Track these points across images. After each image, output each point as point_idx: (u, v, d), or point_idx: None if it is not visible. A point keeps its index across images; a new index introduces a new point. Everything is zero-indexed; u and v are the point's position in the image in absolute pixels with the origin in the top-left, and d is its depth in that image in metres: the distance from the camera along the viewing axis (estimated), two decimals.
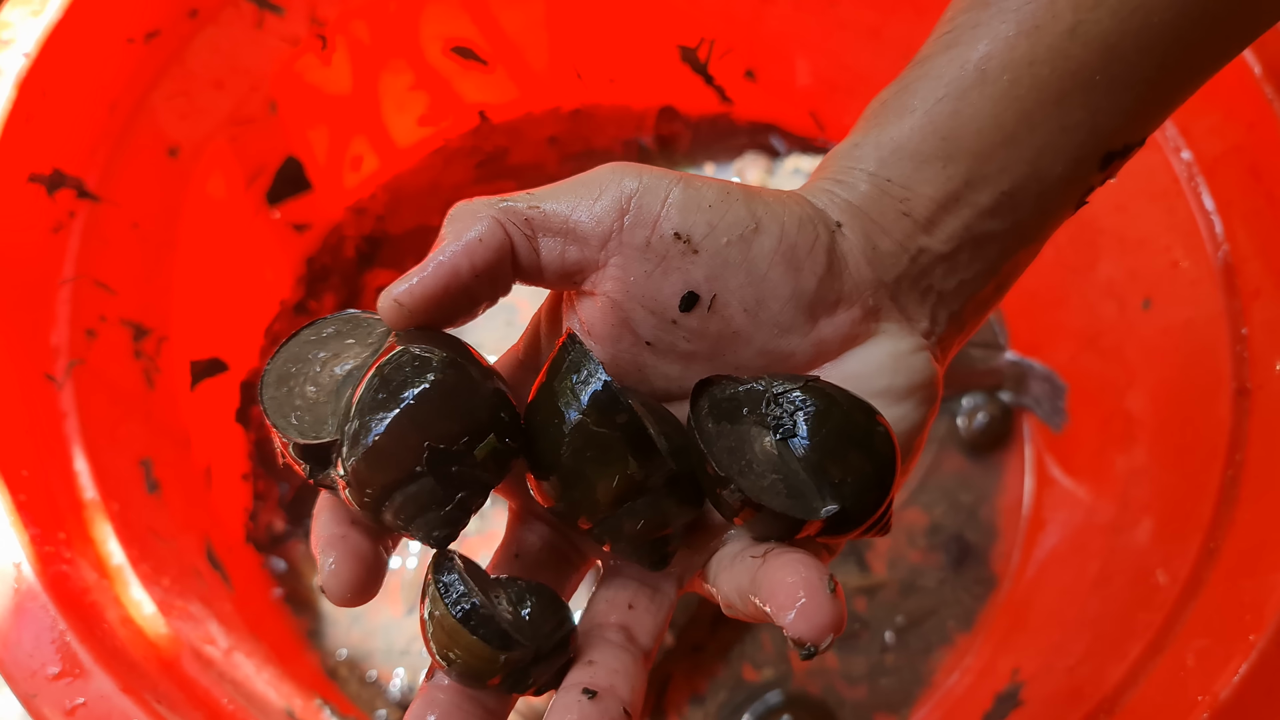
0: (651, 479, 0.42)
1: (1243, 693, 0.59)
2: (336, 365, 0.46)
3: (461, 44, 1.02)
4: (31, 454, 0.66)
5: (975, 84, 0.45)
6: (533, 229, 0.44)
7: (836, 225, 0.45)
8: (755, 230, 0.44)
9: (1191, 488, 0.71)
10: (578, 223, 0.44)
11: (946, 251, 0.46)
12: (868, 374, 0.46)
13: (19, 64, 0.71)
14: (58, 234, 0.74)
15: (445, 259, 0.43)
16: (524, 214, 0.44)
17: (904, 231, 0.46)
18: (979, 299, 0.49)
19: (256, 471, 0.96)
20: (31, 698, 0.56)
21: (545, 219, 0.44)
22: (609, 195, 0.44)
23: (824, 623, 0.38)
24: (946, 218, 0.45)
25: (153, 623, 0.65)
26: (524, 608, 0.43)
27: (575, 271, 0.45)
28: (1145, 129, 0.47)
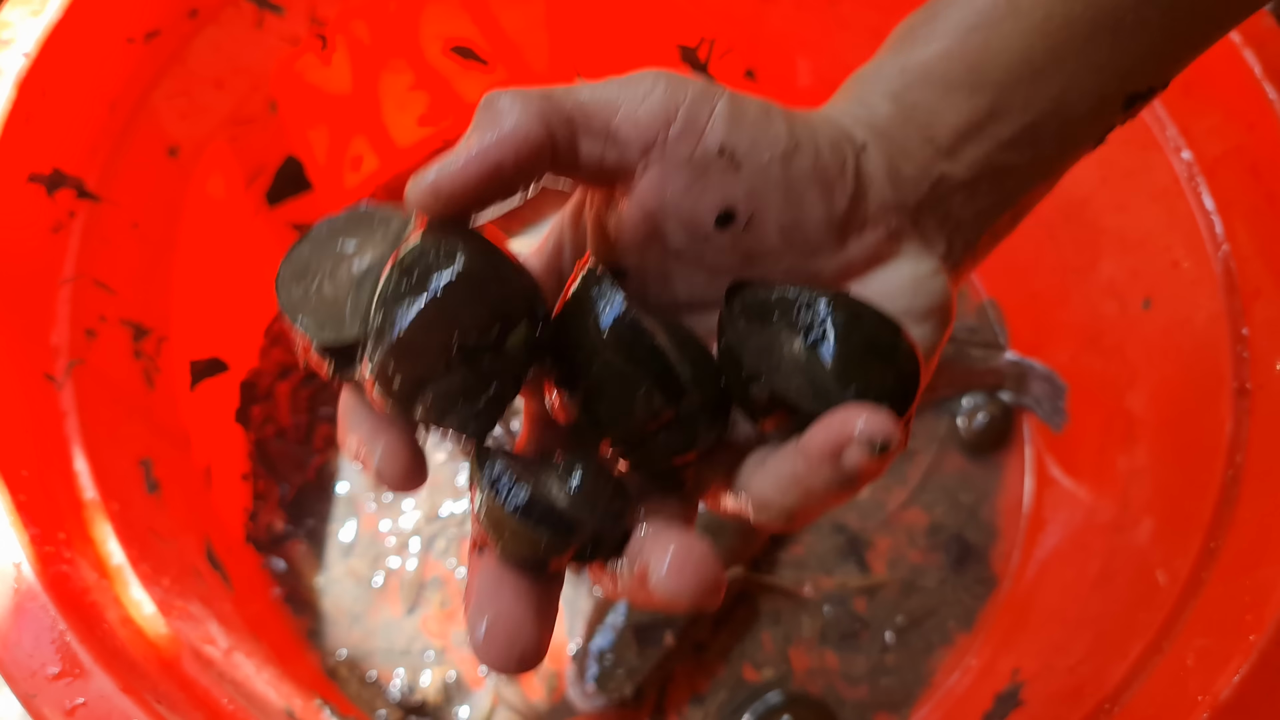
0: (678, 412, 0.42)
1: (1243, 692, 0.58)
2: (355, 261, 0.44)
3: (461, 43, 1.02)
4: (31, 454, 0.66)
5: (1008, 15, 0.44)
6: (574, 128, 0.43)
7: (862, 146, 0.45)
8: (795, 149, 0.43)
9: (1192, 487, 0.71)
10: (619, 127, 0.43)
11: (967, 179, 0.46)
12: (890, 294, 0.46)
13: (19, 64, 0.71)
14: (58, 234, 0.74)
15: (490, 149, 0.41)
16: (567, 112, 0.43)
17: (926, 156, 0.45)
18: (994, 229, 0.49)
19: (256, 471, 0.97)
20: (31, 698, 0.56)
21: (588, 119, 0.43)
22: (655, 101, 0.43)
23: (886, 422, 0.38)
24: (968, 146, 0.45)
25: (153, 623, 0.65)
26: (572, 483, 0.42)
27: (612, 174, 0.44)
28: (1170, 72, 0.47)
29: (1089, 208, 0.86)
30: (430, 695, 0.89)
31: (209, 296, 0.91)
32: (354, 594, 0.94)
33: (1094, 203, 0.85)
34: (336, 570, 0.94)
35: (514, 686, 0.89)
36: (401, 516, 0.96)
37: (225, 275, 0.94)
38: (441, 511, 0.96)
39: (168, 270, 0.86)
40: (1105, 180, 0.83)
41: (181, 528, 0.79)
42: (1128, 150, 0.80)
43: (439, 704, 0.89)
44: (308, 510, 0.97)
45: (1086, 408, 0.90)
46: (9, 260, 0.70)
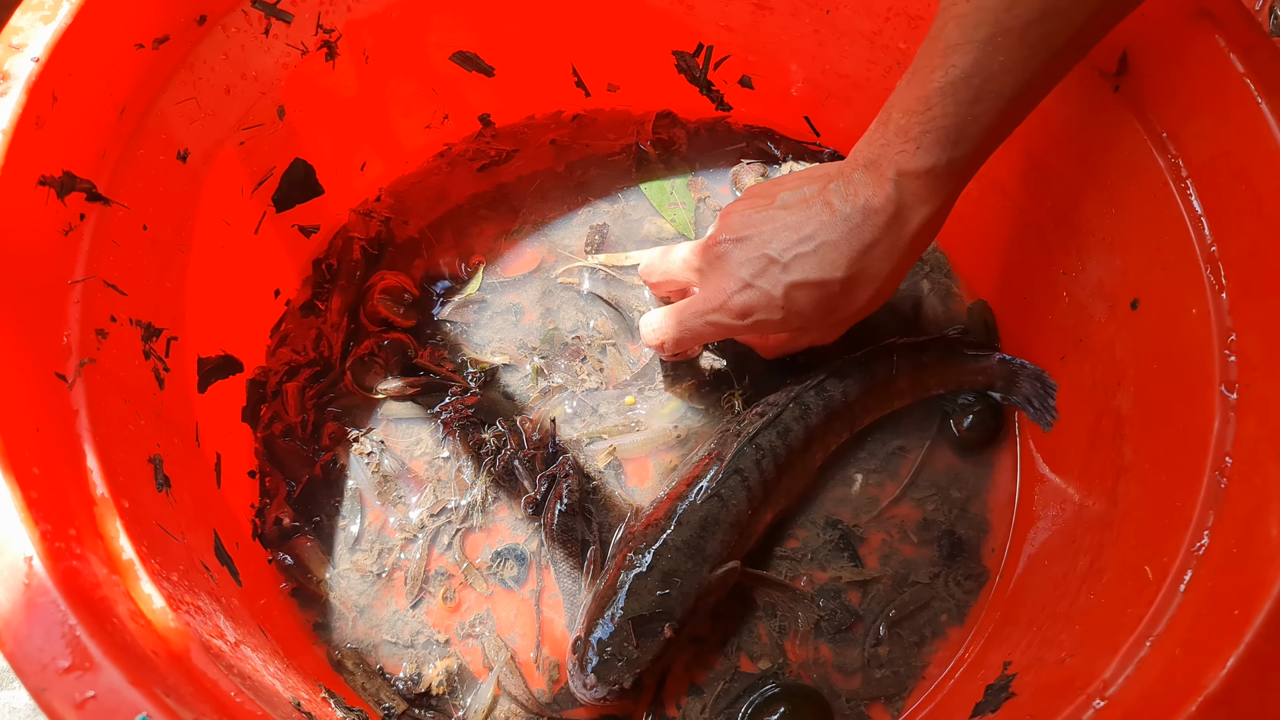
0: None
1: (1231, 686, 0.59)
2: None
3: (465, 50, 1.03)
4: (42, 452, 0.66)
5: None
6: None
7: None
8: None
9: (1180, 485, 0.72)
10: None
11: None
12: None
13: (30, 68, 0.71)
14: (68, 236, 0.74)
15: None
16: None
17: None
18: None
19: (264, 468, 0.97)
20: (42, 691, 0.56)
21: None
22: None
23: None
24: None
25: (162, 617, 0.65)
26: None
27: None
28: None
29: (1078, 210, 0.86)
30: (435, 687, 0.90)
31: (217, 297, 0.92)
32: (360, 588, 0.94)
33: (1083, 205, 0.85)
34: (343, 564, 0.95)
35: (516, 678, 0.90)
36: (406, 512, 0.97)
37: (234, 277, 0.94)
38: (446, 506, 0.97)
39: (177, 271, 0.86)
40: (1094, 183, 0.83)
41: (190, 524, 0.80)
42: (1116, 153, 0.80)
43: (443, 695, 0.90)
44: (315, 506, 0.97)
45: (1076, 406, 0.91)
46: (21, 261, 0.70)
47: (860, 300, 0.84)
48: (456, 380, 1.01)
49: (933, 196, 0.78)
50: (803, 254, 0.82)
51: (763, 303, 0.85)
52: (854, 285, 0.82)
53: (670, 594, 0.85)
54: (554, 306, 1.06)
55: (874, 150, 0.79)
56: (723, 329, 0.89)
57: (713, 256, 0.89)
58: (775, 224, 0.84)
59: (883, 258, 0.81)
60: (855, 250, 0.80)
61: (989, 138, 0.75)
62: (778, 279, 0.83)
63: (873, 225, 0.79)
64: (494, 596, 0.94)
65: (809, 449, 0.93)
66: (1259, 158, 0.70)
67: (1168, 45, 0.75)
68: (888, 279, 0.82)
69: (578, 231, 1.10)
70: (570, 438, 0.99)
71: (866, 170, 0.79)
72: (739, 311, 0.86)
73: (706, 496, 0.88)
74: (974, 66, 0.71)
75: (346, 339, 1.03)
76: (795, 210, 0.83)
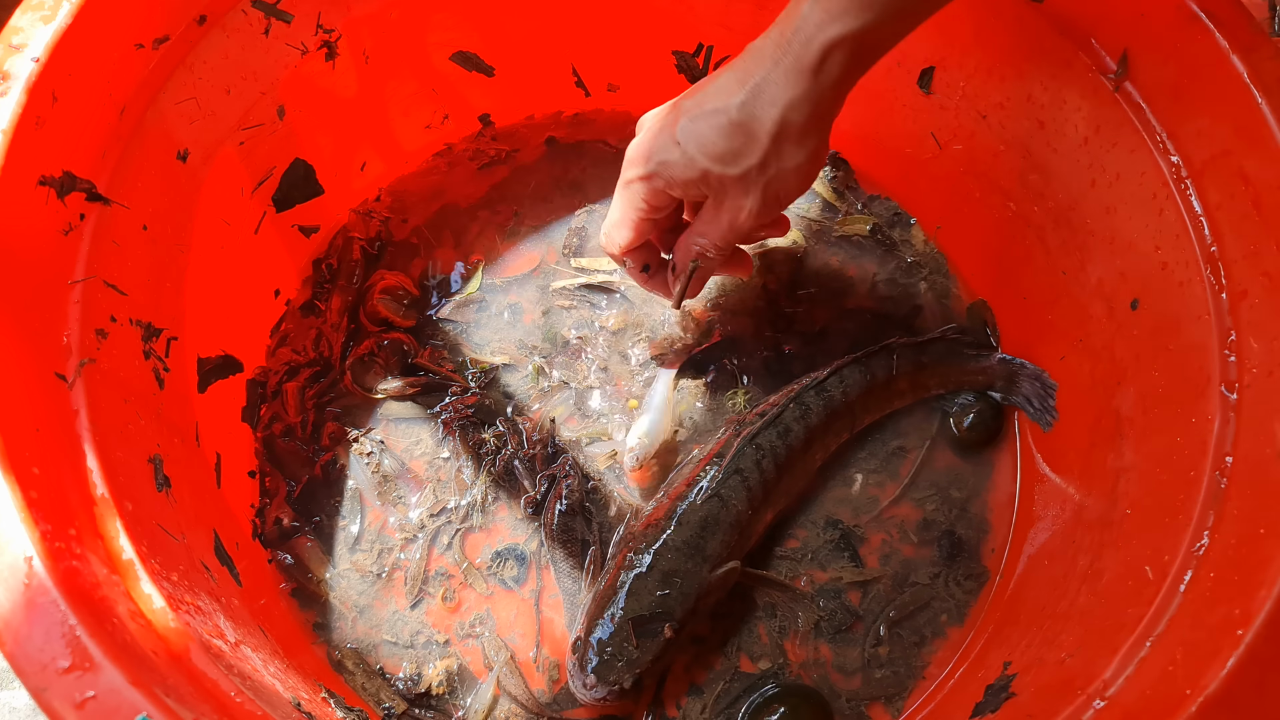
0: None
1: (1230, 686, 0.59)
2: None
3: (465, 50, 1.03)
4: (43, 452, 0.66)
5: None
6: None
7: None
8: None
9: (1179, 484, 0.72)
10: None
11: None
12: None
13: (30, 68, 0.71)
14: (68, 236, 0.74)
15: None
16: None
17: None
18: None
19: (264, 468, 0.97)
20: (42, 691, 0.56)
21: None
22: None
23: None
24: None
25: (162, 617, 0.65)
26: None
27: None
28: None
29: (1078, 210, 0.86)
30: (435, 687, 0.90)
31: (217, 297, 0.92)
32: (360, 588, 0.94)
33: (1083, 205, 0.85)
34: (343, 564, 0.95)
35: (516, 678, 0.90)
36: (406, 512, 0.97)
37: (233, 276, 0.94)
38: (446, 506, 0.97)
39: (177, 271, 0.86)
40: (1094, 183, 0.83)
41: (190, 524, 0.80)
42: (1117, 153, 0.80)
43: (443, 695, 0.90)
44: (314, 506, 0.97)
45: (1076, 406, 0.91)
46: (20, 261, 0.70)
47: (766, 134, 0.76)
48: (456, 380, 1.01)
49: (841, 17, 0.70)
50: (699, 92, 0.78)
51: (661, 141, 0.80)
52: (753, 113, 0.75)
53: (670, 594, 0.85)
54: (554, 306, 1.06)
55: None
56: (632, 187, 0.84)
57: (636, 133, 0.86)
58: (686, 92, 0.82)
59: (782, 80, 0.74)
60: (749, 73, 0.75)
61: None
62: (674, 117, 0.79)
63: (771, 45, 0.74)
64: (494, 596, 0.94)
65: (809, 449, 0.93)
66: (1259, 158, 0.70)
67: (1168, 45, 0.75)
68: (791, 107, 0.74)
69: (580, 234, 1.10)
70: (570, 438, 0.99)
71: (772, 28, 0.75)
72: (638, 155, 0.83)
73: (707, 496, 0.88)
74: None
75: (346, 339, 1.03)
76: (704, 82, 0.80)
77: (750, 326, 1.03)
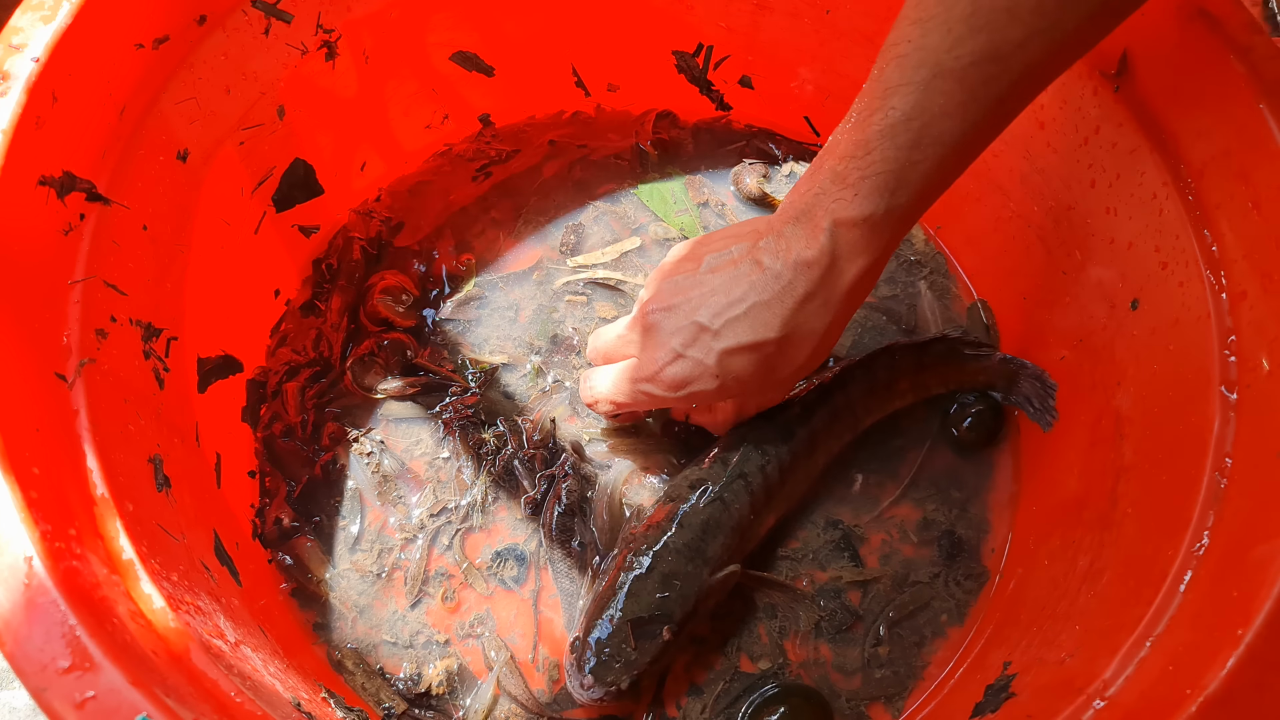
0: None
1: (1231, 686, 0.59)
2: None
3: (465, 50, 1.03)
4: (42, 452, 0.66)
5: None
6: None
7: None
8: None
9: (1179, 485, 0.72)
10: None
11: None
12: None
13: (30, 68, 0.71)
14: (68, 236, 0.74)
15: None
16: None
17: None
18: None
19: (264, 468, 0.97)
20: (42, 691, 0.56)
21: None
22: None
23: None
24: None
25: (162, 617, 0.65)
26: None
27: None
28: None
29: (1078, 210, 0.86)
30: (435, 687, 0.90)
31: (218, 297, 0.92)
32: (360, 588, 0.94)
33: (1083, 205, 0.85)
34: (343, 564, 0.95)
35: (516, 678, 0.90)
36: (406, 512, 0.97)
37: (234, 277, 0.94)
38: (446, 506, 0.97)
39: (177, 272, 0.86)
40: (1094, 183, 0.83)
41: (190, 524, 0.80)
42: (1117, 153, 0.80)
43: (443, 695, 0.90)
44: (315, 506, 0.97)
45: (1075, 406, 0.91)
46: (20, 261, 0.70)
47: (799, 358, 0.79)
48: (456, 380, 1.01)
49: (869, 247, 0.74)
50: (734, 318, 0.78)
51: (697, 373, 0.81)
52: (790, 344, 0.78)
53: (669, 596, 0.85)
54: (554, 305, 1.06)
55: (807, 200, 0.75)
56: (657, 400, 0.85)
57: (645, 327, 0.84)
58: (703, 289, 0.80)
59: (818, 313, 0.77)
60: (789, 308, 0.76)
61: (929, 185, 0.72)
62: (710, 347, 0.79)
63: (806, 280, 0.75)
64: (494, 597, 0.94)
65: (813, 452, 0.93)
66: (1259, 157, 0.70)
67: (1168, 45, 0.75)
68: (825, 335, 0.78)
69: (578, 232, 1.10)
70: (571, 437, 0.99)
71: (798, 222, 0.76)
72: (672, 383, 0.82)
73: (709, 499, 0.88)
74: (914, 109, 0.68)
75: (346, 339, 1.03)
76: (723, 272, 0.79)
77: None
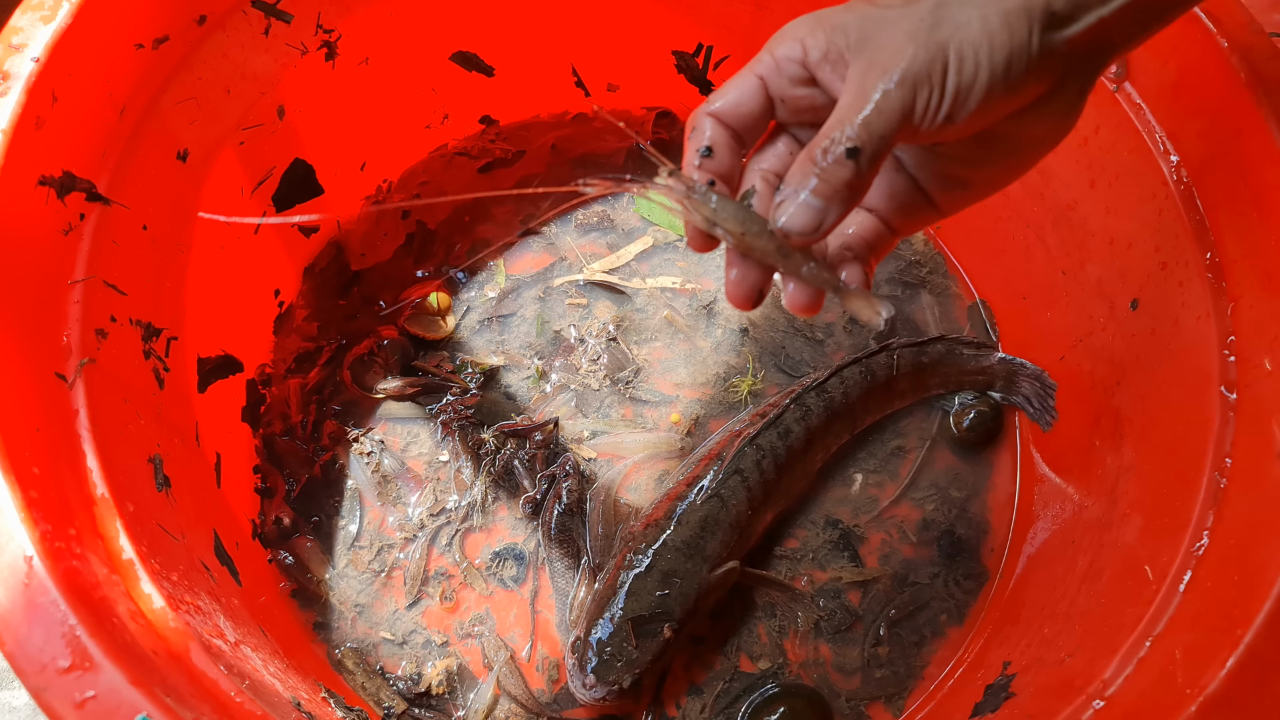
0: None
1: (1230, 686, 0.59)
2: None
3: (465, 51, 1.03)
4: (43, 451, 0.66)
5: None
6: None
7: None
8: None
9: (1179, 485, 0.72)
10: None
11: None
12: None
13: (30, 68, 0.71)
14: (68, 236, 0.74)
15: None
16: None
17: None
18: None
19: (264, 468, 0.97)
20: (42, 691, 0.57)
21: None
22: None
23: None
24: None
25: (162, 616, 0.65)
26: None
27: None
28: None
29: (1078, 210, 0.86)
30: (435, 686, 0.90)
31: (217, 297, 0.92)
32: (359, 587, 0.94)
33: (1083, 205, 0.85)
34: (342, 564, 0.95)
35: (516, 677, 0.90)
36: (406, 512, 0.97)
37: (233, 276, 0.94)
38: (445, 507, 0.97)
39: (177, 271, 0.86)
40: (1094, 183, 0.83)
41: (190, 523, 0.80)
42: (1116, 153, 0.80)
43: (443, 695, 0.90)
44: (314, 506, 0.97)
45: (1075, 406, 0.91)
46: (20, 261, 0.70)
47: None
48: (456, 381, 1.02)
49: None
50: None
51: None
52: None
53: (669, 594, 0.85)
54: (554, 306, 1.06)
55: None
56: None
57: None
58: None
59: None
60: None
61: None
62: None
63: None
64: (493, 596, 0.94)
65: (810, 450, 0.93)
66: (1258, 158, 0.70)
67: (1168, 45, 0.75)
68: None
69: (578, 232, 1.10)
70: (571, 438, 0.99)
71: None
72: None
73: (706, 497, 0.88)
74: None
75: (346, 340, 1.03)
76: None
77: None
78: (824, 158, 0.52)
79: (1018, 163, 0.61)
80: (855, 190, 0.53)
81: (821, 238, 0.54)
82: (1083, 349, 0.89)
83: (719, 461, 0.90)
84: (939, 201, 0.62)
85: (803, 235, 0.53)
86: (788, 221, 0.53)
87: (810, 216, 0.53)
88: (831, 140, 0.52)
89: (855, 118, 0.51)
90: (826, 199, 0.53)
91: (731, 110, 0.58)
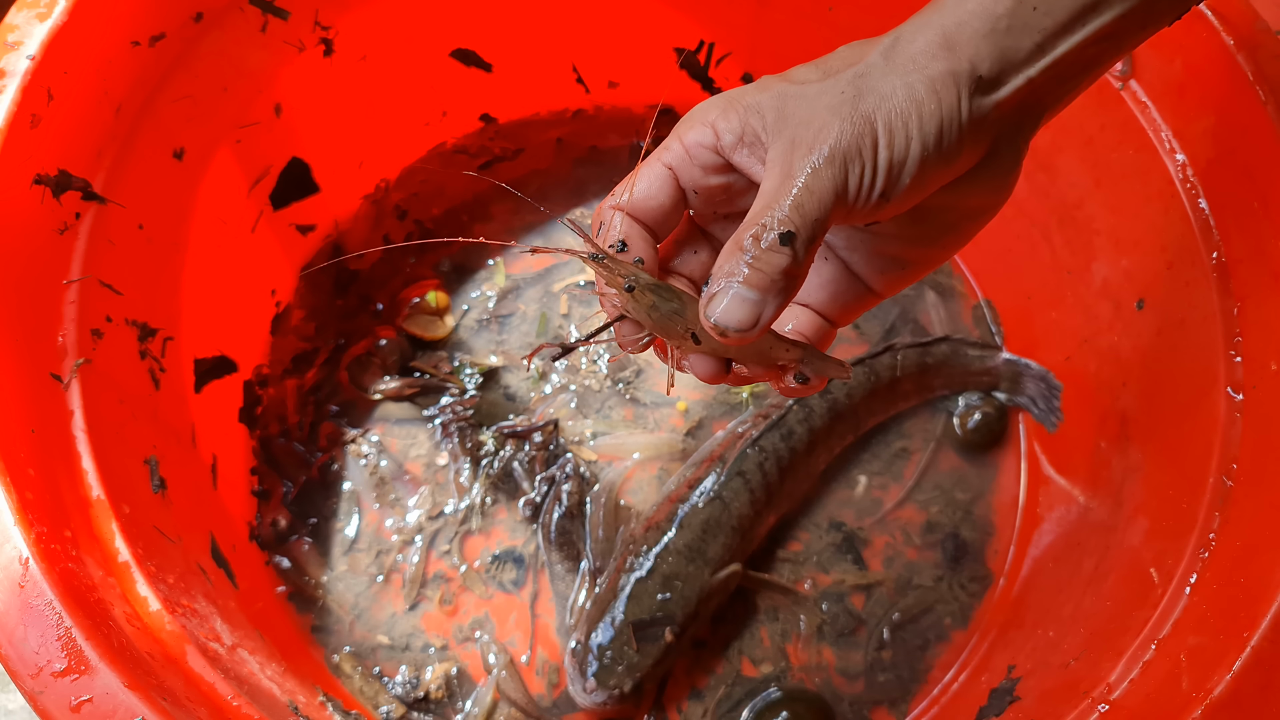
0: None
1: (1236, 689, 0.59)
2: None
3: (464, 48, 1.03)
4: (38, 453, 0.66)
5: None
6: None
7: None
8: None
9: (1185, 486, 0.72)
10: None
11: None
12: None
13: (25, 66, 0.71)
14: (64, 235, 0.74)
15: None
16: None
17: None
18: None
19: (261, 470, 0.97)
20: (37, 694, 0.56)
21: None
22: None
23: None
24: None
25: (158, 619, 0.65)
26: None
27: None
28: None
29: (1083, 210, 0.86)
30: (433, 690, 0.90)
31: (214, 297, 0.91)
32: (357, 590, 0.94)
33: (1088, 205, 0.85)
34: (340, 567, 0.95)
35: (516, 682, 0.90)
36: (404, 514, 0.97)
37: (230, 276, 0.94)
38: (444, 510, 0.97)
39: (174, 271, 0.86)
40: (1099, 182, 0.83)
41: (187, 526, 0.79)
42: (1122, 153, 0.80)
43: (441, 699, 0.90)
44: (312, 508, 0.97)
45: (1081, 407, 0.91)
46: (15, 261, 0.70)
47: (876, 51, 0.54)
48: (454, 382, 1.01)
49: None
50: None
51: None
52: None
53: (671, 598, 0.85)
54: (555, 306, 1.05)
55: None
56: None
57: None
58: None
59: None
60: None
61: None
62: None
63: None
64: (493, 600, 0.94)
65: (813, 451, 0.93)
66: (1264, 157, 0.70)
67: (1173, 44, 0.74)
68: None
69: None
70: (571, 439, 0.99)
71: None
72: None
73: (708, 499, 0.88)
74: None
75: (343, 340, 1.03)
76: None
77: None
78: (755, 245, 0.48)
79: (956, 236, 0.57)
80: (792, 279, 0.49)
81: (759, 334, 0.50)
82: (1088, 349, 0.88)
83: (721, 463, 0.90)
84: (876, 285, 0.58)
85: (739, 331, 0.49)
86: (721, 316, 0.49)
87: (746, 310, 0.49)
88: (762, 225, 0.48)
89: (784, 200, 0.48)
90: (763, 290, 0.48)
91: (641, 203, 0.54)
